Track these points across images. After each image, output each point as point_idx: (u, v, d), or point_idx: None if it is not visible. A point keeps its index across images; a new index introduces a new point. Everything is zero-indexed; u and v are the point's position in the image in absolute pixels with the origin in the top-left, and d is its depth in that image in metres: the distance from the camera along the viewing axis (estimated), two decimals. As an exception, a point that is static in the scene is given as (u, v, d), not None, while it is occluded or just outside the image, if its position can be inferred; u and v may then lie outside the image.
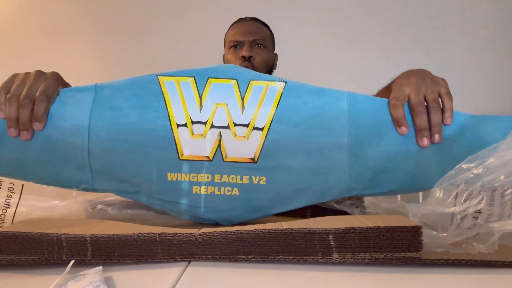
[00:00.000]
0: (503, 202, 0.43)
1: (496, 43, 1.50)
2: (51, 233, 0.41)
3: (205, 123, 0.54)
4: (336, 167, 0.54)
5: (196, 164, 0.54)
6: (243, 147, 0.54)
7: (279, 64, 1.23)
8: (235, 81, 0.56)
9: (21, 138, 0.53)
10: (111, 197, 0.61)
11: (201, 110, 0.55)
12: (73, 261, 0.39)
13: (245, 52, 1.07)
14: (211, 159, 0.54)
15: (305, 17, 1.55)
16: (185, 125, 0.54)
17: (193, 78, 0.56)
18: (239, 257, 0.41)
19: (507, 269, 0.39)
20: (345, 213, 0.59)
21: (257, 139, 0.54)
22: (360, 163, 0.54)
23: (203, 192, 0.54)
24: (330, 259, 0.40)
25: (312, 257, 0.40)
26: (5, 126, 0.53)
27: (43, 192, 0.57)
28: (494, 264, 0.39)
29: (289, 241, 0.41)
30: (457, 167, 0.45)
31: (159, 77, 0.56)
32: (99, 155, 0.54)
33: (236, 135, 0.54)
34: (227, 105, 0.55)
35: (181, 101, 0.55)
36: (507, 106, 1.48)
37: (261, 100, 0.55)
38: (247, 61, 1.07)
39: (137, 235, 0.41)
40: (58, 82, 0.57)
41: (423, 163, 0.54)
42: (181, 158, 0.54)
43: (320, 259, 0.40)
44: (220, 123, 0.54)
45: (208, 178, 0.54)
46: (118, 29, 1.57)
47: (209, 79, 0.56)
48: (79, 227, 0.44)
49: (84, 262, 0.41)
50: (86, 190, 0.57)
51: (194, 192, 0.54)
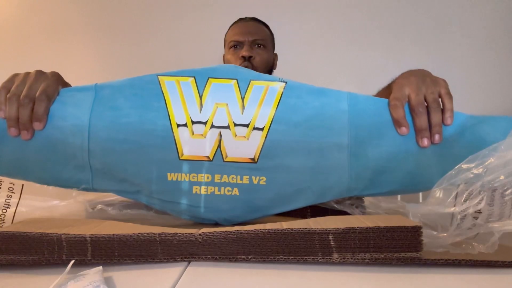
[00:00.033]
0: (503, 202, 0.43)
1: (496, 43, 1.50)
2: (51, 233, 0.41)
3: (205, 123, 0.54)
4: (336, 167, 0.54)
5: (196, 164, 0.54)
6: (243, 147, 0.54)
7: (279, 64, 1.23)
8: (235, 81, 0.56)
9: (21, 137, 0.53)
10: (111, 197, 0.61)
11: (201, 110, 0.55)
12: (73, 261, 0.39)
13: (245, 52, 1.07)
14: (211, 159, 0.54)
15: (305, 17, 1.55)
16: (185, 125, 0.54)
17: (193, 78, 0.56)
18: (239, 257, 0.41)
19: (507, 269, 0.39)
20: (345, 213, 0.59)
21: (257, 139, 0.54)
22: (360, 163, 0.54)
23: (203, 192, 0.54)
24: (330, 259, 0.40)
25: (312, 257, 0.40)
26: (5, 126, 0.53)
27: (43, 192, 0.57)
28: (494, 264, 0.39)
29: (289, 241, 0.41)
30: (457, 167, 0.45)
31: (159, 77, 0.56)
32: (99, 155, 0.54)
33: (236, 135, 0.54)
34: (227, 105, 0.55)
35: (181, 101, 0.55)
36: (507, 106, 1.48)
37: (261, 100, 0.55)
38: (247, 61, 1.07)
39: (137, 235, 0.41)
40: (58, 82, 0.57)
41: (423, 163, 0.54)
42: (181, 158, 0.54)
43: (320, 259, 0.40)
44: (220, 123, 0.54)
45: (208, 178, 0.54)
46: (118, 29, 1.58)
47: (209, 79, 0.56)
48: (79, 227, 0.44)
49: (84, 262, 0.41)
50: (86, 190, 0.57)
51: (194, 192, 0.54)
